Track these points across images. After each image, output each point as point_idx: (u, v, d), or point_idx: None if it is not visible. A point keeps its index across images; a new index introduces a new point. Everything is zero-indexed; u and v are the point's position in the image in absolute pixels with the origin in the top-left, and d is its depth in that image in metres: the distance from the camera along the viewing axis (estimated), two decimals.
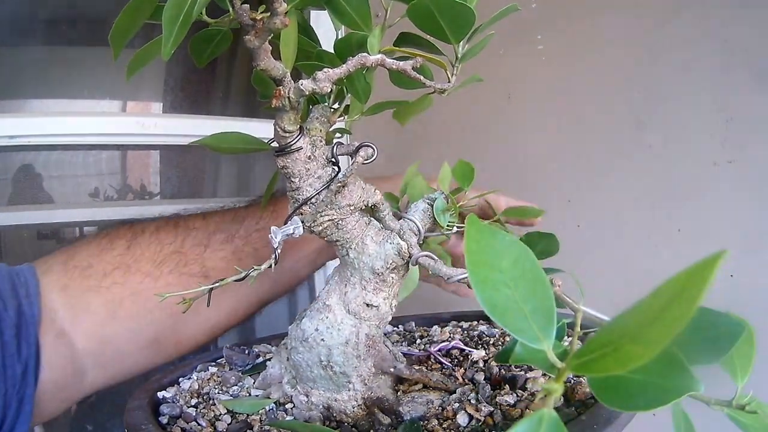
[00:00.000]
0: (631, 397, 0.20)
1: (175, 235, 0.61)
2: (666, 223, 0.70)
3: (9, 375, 0.48)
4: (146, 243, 0.60)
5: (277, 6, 0.30)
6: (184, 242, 0.61)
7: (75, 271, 0.56)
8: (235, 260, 0.61)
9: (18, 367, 0.48)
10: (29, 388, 0.49)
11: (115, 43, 0.33)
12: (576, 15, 0.79)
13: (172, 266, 0.59)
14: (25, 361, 0.49)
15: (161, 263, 0.58)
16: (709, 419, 0.27)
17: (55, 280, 0.55)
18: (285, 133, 0.38)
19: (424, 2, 0.34)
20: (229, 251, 0.61)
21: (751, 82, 0.62)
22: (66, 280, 0.55)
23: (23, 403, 0.49)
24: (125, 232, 0.61)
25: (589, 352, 0.19)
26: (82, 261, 0.57)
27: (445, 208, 0.44)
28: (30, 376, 0.49)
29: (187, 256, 0.60)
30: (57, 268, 0.56)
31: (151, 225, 0.62)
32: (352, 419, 0.41)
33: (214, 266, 0.60)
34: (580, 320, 0.26)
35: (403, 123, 0.48)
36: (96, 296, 0.55)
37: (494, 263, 0.22)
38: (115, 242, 0.59)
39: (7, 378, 0.47)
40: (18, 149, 0.98)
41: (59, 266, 0.56)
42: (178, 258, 0.59)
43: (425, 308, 0.68)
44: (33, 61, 1.05)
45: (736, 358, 0.26)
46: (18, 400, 0.48)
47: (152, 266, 0.58)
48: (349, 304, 0.41)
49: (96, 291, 0.55)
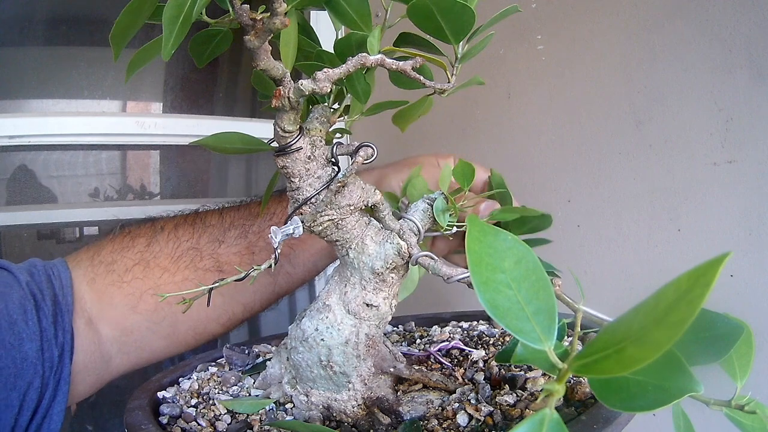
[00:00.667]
0: (631, 397, 0.20)
1: (192, 232, 0.64)
2: (666, 223, 0.70)
3: (47, 358, 0.51)
4: (165, 240, 0.62)
5: (277, 6, 0.30)
6: (200, 238, 0.63)
7: (100, 266, 0.60)
8: (248, 255, 0.63)
9: (55, 351, 0.52)
10: (65, 369, 0.53)
11: (116, 43, 0.33)
12: (576, 15, 0.79)
13: (188, 262, 0.61)
14: (61, 346, 0.53)
15: (178, 259, 0.61)
16: (709, 419, 0.27)
17: (83, 274, 0.59)
18: (285, 133, 0.38)
19: (424, 2, 0.34)
20: (243, 246, 0.63)
21: (751, 82, 0.62)
22: (92, 274, 0.59)
23: (60, 384, 0.52)
24: (146, 230, 0.64)
25: (590, 354, 0.19)
26: (107, 257, 0.60)
27: (445, 208, 0.44)
28: (66, 359, 0.53)
29: (203, 251, 0.62)
30: (85, 263, 0.60)
31: (170, 222, 0.65)
32: (352, 419, 0.41)
33: (228, 261, 0.63)
34: (580, 320, 0.26)
35: (403, 129, 0.48)
36: (118, 290, 0.59)
37: (496, 264, 0.22)
38: (136, 240, 0.62)
39: (45, 361, 0.51)
40: (18, 149, 0.98)
41: (87, 261, 0.60)
42: (194, 254, 0.62)
43: (425, 308, 0.68)
44: (33, 61, 1.05)
45: (735, 358, 0.26)
46: (55, 381, 0.52)
47: (170, 262, 0.61)
48: (349, 304, 0.41)
49: (118, 285, 0.59)
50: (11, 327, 0.50)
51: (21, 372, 0.49)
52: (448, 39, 0.37)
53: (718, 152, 0.65)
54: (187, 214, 0.67)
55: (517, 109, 0.88)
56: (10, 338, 0.49)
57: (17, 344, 0.50)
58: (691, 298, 0.15)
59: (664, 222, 0.70)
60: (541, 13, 0.83)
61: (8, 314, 0.50)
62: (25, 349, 0.50)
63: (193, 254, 0.62)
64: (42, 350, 0.51)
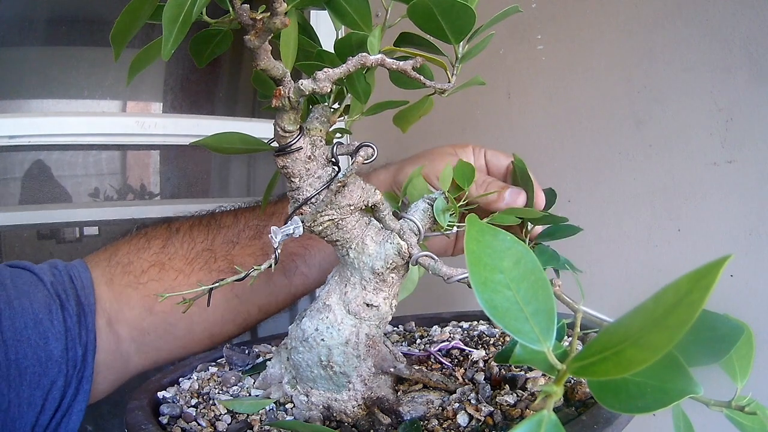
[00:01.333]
0: (631, 399, 0.20)
1: (207, 233, 0.64)
2: (666, 223, 0.70)
3: (71, 357, 0.52)
4: (180, 242, 0.63)
5: (277, 6, 0.30)
6: (214, 240, 0.63)
7: (117, 267, 0.60)
8: (263, 256, 0.63)
9: (79, 350, 0.53)
10: (88, 368, 0.54)
11: (116, 43, 0.33)
12: (576, 15, 0.79)
13: (203, 263, 0.62)
14: (85, 345, 0.54)
15: (193, 261, 0.61)
16: (709, 420, 0.27)
17: (101, 275, 0.59)
18: (285, 133, 0.38)
19: (425, 2, 0.34)
20: (257, 247, 0.64)
21: (751, 82, 0.62)
22: (110, 274, 0.59)
23: (82, 383, 0.53)
24: (162, 231, 0.64)
25: (589, 355, 0.19)
26: (123, 258, 0.61)
27: (445, 208, 0.44)
28: (89, 358, 0.54)
29: (217, 253, 0.62)
30: (103, 263, 0.60)
31: (186, 224, 0.65)
32: (352, 419, 0.41)
33: (242, 263, 0.63)
34: (579, 321, 0.26)
35: (404, 130, 0.48)
36: (135, 292, 0.59)
37: (495, 264, 0.22)
38: (151, 241, 0.62)
39: (69, 359, 0.52)
40: (18, 149, 0.98)
41: (104, 262, 0.61)
42: (209, 255, 0.62)
43: (425, 308, 0.68)
44: (33, 61, 1.05)
45: (735, 359, 0.26)
46: (78, 380, 0.53)
47: (184, 264, 0.61)
48: (349, 304, 0.41)
49: (135, 287, 0.59)
50: (36, 326, 0.51)
51: (45, 371, 0.50)
52: (448, 39, 0.37)
53: (718, 152, 0.65)
54: (202, 215, 0.67)
55: (517, 109, 0.88)
56: (35, 337, 0.50)
57: (42, 343, 0.51)
58: (691, 300, 0.15)
59: (664, 222, 0.70)
60: (541, 13, 0.83)
61: (33, 313, 0.51)
62: (51, 347, 0.51)
63: (207, 256, 0.62)
64: (67, 349, 0.52)
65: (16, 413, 0.49)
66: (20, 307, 0.51)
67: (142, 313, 0.59)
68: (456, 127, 0.97)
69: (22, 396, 0.49)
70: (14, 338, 0.49)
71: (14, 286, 0.52)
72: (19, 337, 0.50)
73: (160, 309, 0.59)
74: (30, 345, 0.50)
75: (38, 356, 0.50)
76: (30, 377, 0.49)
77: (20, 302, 0.51)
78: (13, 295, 0.52)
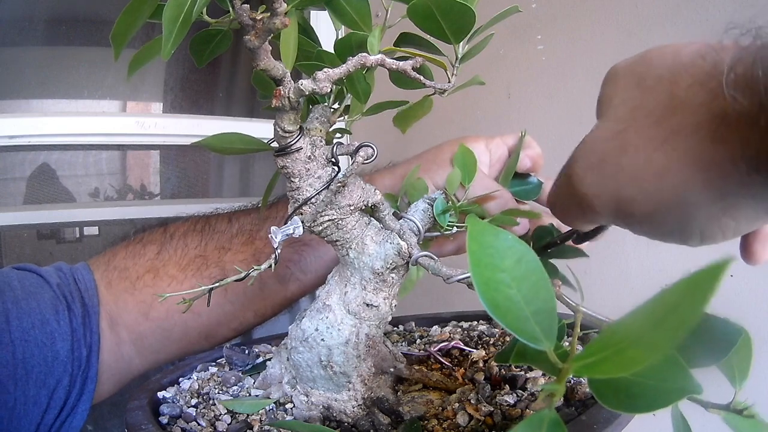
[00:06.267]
0: (631, 398, 0.20)
1: (201, 239, 0.64)
2: None
3: (76, 357, 0.53)
4: (174, 248, 0.63)
5: (277, 6, 0.30)
6: (207, 246, 0.63)
7: (114, 272, 0.61)
8: (254, 262, 0.63)
9: (84, 351, 0.54)
10: (92, 369, 0.55)
11: (116, 42, 0.33)
12: (576, 15, 0.79)
13: (195, 270, 0.62)
14: (89, 346, 0.55)
15: (186, 267, 0.62)
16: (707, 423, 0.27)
17: (101, 278, 0.60)
18: (285, 133, 0.38)
19: (425, 2, 0.34)
20: (249, 253, 0.63)
21: None
22: (108, 278, 0.60)
23: (87, 383, 0.54)
24: (158, 236, 0.64)
25: (590, 355, 0.19)
26: (120, 263, 0.61)
27: (446, 208, 0.44)
28: (93, 359, 0.55)
29: (209, 259, 0.62)
30: (102, 267, 0.61)
31: (181, 228, 0.65)
32: (352, 419, 0.41)
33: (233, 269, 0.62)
34: (580, 321, 0.26)
35: (404, 130, 0.48)
36: (131, 297, 0.60)
37: (496, 263, 0.22)
38: (147, 246, 0.63)
39: (74, 360, 0.53)
40: (18, 149, 0.98)
41: (103, 266, 0.61)
42: (201, 261, 0.62)
43: (425, 308, 0.68)
44: (33, 61, 1.05)
45: (734, 363, 0.26)
46: (82, 380, 0.54)
47: (177, 270, 0.61)
48: (349, 304, 0.41)
49: (131, 292, 0.60)
50: (43, 326, 0.52)
51: (51, 370, 0.51)
52: (448, 39, 0.37)
53: None
54: (197, 219, 0.67)
55: (517, 109, 0.88)
56: (42, 337, 0.51)
57: (49, 343, 0.51)
58: (692, 302, 0.15)
59: None
60: (541, 13, 0.83)
61: (40, 313, 0.52)
62: (57, 348, 0.52)
63: (199, 262, 0.62)
64: (72, 350, 0.53)
65: (21, 412, 0.49)
66: (27, 307, 0.52)
67: (138, 318, 0.60)
68: (456, 127, 0.97)
69: (28, 395, 0.49)
70: (22, 338, 0.50)
71: (22, 288, 0.53)
72: (27, 337, 0.50)
73: (156, 315, 0.60)
74: (37, 345, 0.51)
75: (45, 356, 0.51)
76: (36, 376, 0.50)
77: (27, 303, 0.52)
78: (20, 296, 0.52)
